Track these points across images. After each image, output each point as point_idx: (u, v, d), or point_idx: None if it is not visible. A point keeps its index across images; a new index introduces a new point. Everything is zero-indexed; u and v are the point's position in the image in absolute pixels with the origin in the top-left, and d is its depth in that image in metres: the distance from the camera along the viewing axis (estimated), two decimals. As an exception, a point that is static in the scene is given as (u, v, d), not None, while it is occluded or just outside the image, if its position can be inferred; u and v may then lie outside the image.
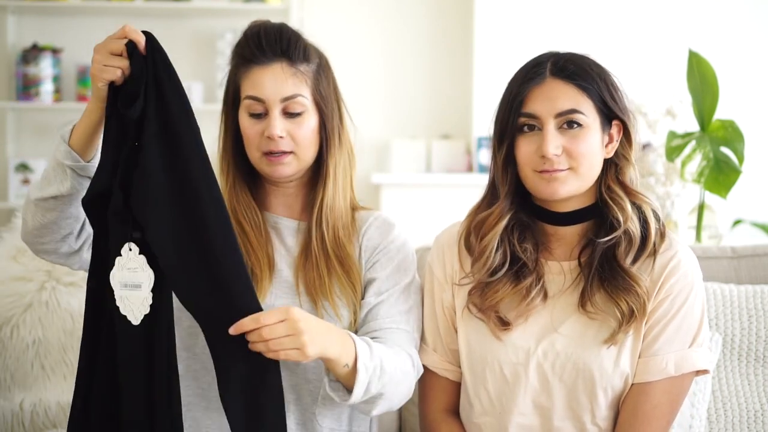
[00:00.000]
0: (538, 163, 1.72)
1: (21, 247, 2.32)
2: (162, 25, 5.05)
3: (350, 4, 5.13)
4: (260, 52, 1.81)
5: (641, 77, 4.72)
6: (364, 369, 1.67)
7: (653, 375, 1.73)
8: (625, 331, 1.72)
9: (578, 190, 1.75)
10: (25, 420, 2.24)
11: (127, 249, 1.57)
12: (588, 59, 1.76)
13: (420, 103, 5.13)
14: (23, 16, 5.14)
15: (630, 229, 1.74)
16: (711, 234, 3.06)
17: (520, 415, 1.76)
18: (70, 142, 1.66)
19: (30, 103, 4.97)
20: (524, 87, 1.74)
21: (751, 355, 2.16)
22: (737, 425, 2.13)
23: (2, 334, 2.27)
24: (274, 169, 1.82)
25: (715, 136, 2.77)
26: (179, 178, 1.56)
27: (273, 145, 1.80)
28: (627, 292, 1.72)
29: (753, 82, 4.87)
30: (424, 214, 4.66)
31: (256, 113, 1.81)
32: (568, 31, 4.82)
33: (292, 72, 1.81)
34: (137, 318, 1.57)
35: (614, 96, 1.75)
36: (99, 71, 1.59)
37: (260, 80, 1.80)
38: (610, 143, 1.77)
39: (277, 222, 1.89)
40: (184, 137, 1.58)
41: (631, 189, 1.77)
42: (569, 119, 1.72)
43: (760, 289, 2.19)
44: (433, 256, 1.87)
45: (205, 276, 1.55)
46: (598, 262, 1.74)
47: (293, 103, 1.80)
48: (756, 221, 4.54)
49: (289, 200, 1.90)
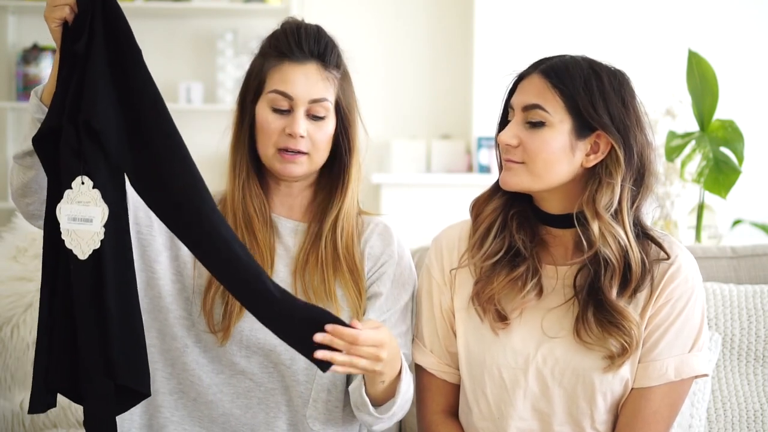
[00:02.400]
0: (503, 151, 1.75)
1: (21, 247, 2.33)
2: (162, 25, 5.05)
3: (350, 4, 5.13)
4: (298, 49, 1.80)
5: (641, 77, 4.71)
6: (401, 394, 1.72)
7: (653, 380, 1.72)
8: (620, 364, 1.70)
9: (531, 187, 1.72)
10: (25, 420, 2.24)
11: (79, 182, 1.52)
12: (582, 63, 1.72)
13: (420, 103, 5.13)
14: (23, 16, 5.14)
15: (605, 254, 1.68)
16: (711, 234, 3.06)
17: (520, 420, 1.75)
18: (41, 97, 1.63)
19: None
20: (518, 80, 1.77)
21: (751, 355, 2.16)
22: (737, 425, 2.13)
23: (2, 334, 2.27)
24: (285, 167, 1.81)
25: (714, 136, 2.77)
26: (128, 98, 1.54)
27: (292, 143, 1.79)
28: (616, 328, 1.69)
29: (753, 82, 4.87)
30: (424, 214, 4.66)
31: (281, 109, 1.79)
32: (568, 31, 4.82)
33: (324, 75, 1.81)
34: (84, 252, 1.53)
35: (594, 103, 1.68)
36: (49, 11, 1.56)
37: (292, 77, 1.79)
38: (594, 153, 1.71)
39: (277, 221, 1.88)
40: (130, 68, 1.54)
41: (601, 215, 1.68)
42: (531, 114, 1.71)
43: (760, 289, 2.19)
44: (431, 258, 1.87)
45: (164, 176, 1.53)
46: (586, 292, 1.71)
47: (319, 106, 1.80)
48: (756, 221, 4.54)
49: (290, 200, 1.89)
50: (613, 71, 1.73)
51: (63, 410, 2.26)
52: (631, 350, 1.69)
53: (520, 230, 1.77)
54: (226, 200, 1.86)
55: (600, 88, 1.69)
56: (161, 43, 4.98)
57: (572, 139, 1.70)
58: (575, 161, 1.71)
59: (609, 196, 1.68)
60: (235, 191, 1.84)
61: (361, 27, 5.12)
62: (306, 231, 1.87)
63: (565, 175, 1.71)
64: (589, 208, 1.69)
